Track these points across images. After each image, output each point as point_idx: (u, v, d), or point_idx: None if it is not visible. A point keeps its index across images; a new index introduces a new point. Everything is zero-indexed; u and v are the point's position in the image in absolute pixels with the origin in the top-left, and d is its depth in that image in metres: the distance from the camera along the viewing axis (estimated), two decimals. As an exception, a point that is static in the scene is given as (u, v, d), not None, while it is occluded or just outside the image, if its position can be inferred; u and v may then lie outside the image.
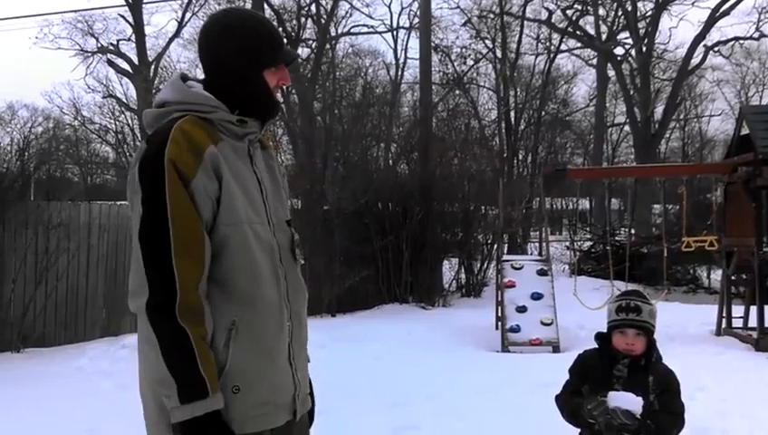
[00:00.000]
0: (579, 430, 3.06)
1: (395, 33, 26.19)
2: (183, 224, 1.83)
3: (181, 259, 1.81)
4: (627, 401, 2.85)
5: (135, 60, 24.64)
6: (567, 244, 16.90)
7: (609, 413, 2.83)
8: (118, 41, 25.44)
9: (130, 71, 25.16)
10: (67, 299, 9.61)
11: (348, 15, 25.49)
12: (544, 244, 11.66)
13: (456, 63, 22.94)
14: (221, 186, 1.90)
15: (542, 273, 10.28)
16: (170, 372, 1.77)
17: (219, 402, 1.80)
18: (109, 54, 25.50)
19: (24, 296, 9.03)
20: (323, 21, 24.09)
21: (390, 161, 16.35)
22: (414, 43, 26.48)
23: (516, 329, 9.58)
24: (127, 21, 24.43)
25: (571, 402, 3.02)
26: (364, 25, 26.53)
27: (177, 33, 24.66)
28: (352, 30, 26.19)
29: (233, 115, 1.99)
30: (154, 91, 25.37)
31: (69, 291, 9.61)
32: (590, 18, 25.52)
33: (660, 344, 3.10)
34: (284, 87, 2.17)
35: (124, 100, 27.78)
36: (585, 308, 9.62)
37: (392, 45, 27.32)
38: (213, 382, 1.79)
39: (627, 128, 28.39)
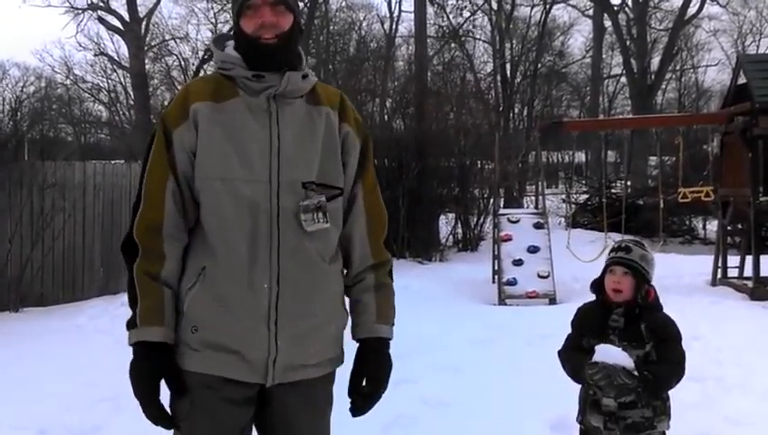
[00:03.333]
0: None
1: (389, -15, 25.82)
2: (151, 174, 2.01)
3: (143, 204, 2.01)
4: (614, 356, 2.81)
5: (126, 17, 24.27)
6: (563, 197, 16.89)
7: (610, 375, 2.80)
8: (108, -3, 25.00)
9: (122, 28, 24.78)
10: (64, 259, 9.62)
11: (341, -32, 25.13)
12: (540, 197, 11.67)
13: (451, 16, 22.67)
14: (197, 141, 2.00)
15: (538, 226, 10.31)
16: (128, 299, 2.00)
17: (146, 334, 1.93)
18: (99, 11, 25.09)
19: (21, 256, 9.02)
20: (316, -26, 23.72)
21: (386, 117, 16.25)
22: (408, -5, 26.18)
23: (513, 282, 9.63)
24: (117, -24, 24.02)
25: (572, 360, 2.99)
26: (358, -23, 26.15)
27: (167, -11, 24.28)
28: (346, -18, 25.81)
29: (249, 71, 2.01)
30: (146, 48, 25.05)
31: (66, 250, 9.61)
32: (587, -33, 25.19)
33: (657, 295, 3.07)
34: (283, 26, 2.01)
35: (116, 57, 27.47)
36: (580, 261, 9.68)
37: (386, -2, 26.92)
38: (144, 315, 1.94)
39: (623, 79, 28.18)
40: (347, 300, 2.18)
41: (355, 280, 2.18)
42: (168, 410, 2.01)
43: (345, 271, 2.19)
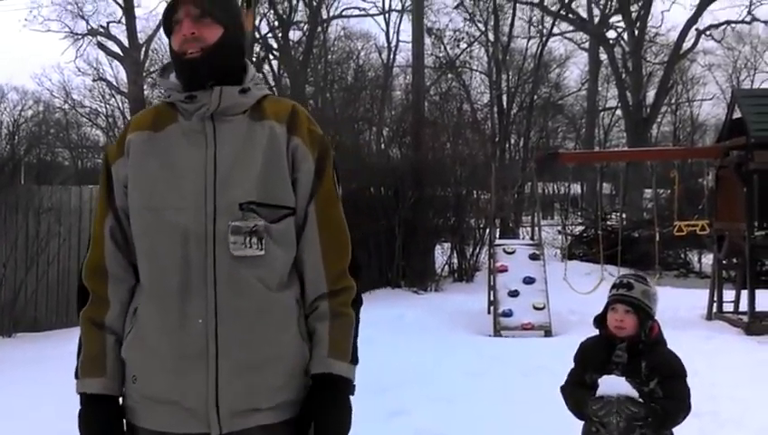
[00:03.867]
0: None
1: (387, 15, 26.16)
2: (96, 212, 1.96)
3: (89, 246, 1.95)
4: (618, 386, 2.79)
5: (125, 42, 24.45)
6: (558, 228, 16.94)
7: (617, 408, 2.76)
8: (108, 23, 25.29)
9: (121, 53, 24.97)
10: (59, 283, 9.61)
11: (339, -2, 25.39)
12: (536, 228, 11.69)
13: (448, 47, 22.88)
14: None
15: (534, 257, 10.30)
16: None
17: (86, 386, 1.85)
18: (99, 37, 25.31)
19: (15, 281, 9.02)
20: (315, 3, 23.99)
21: (382, 145, 16.33)
22: (406, 26, 26.42)
23: (508, 313, 9.60)
24: (117, 3, 24.27)
25: (574, 395, 2.96)
26: (356, 8, 26.44)
27: (167, 16, 24.46)
28: (344, 12, 26.07)
29: (182, 93, 1.87)
30: (144, 74, 25.17)
31: (60, 275, 9.61)
32: (583, 1, 25.44)
33: None
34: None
35: (114, 83, 27.62)
36: (577, 293, 9.67)
37: (384, 28, 27.19)
38: (84, 365, 1.86)
39: (618, 112, 28.38)
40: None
41: (309, 309, 1.91)
42: None
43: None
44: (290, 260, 1.88)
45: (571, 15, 25.30)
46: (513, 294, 9.79)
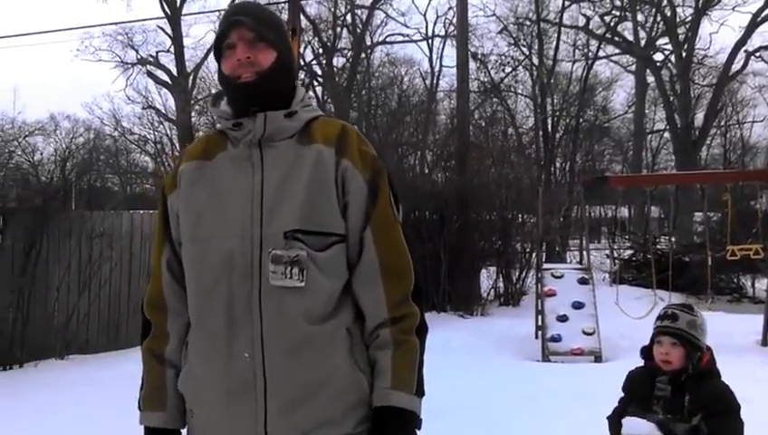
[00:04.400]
0: None
1: (430, 41, 26.29)
2: (154, 246, 1.96)
3: (150, 279, 1.96)
4: (641, 427, 2.66)
5: (174, 71, 25.00)
6: (606, 252, 16.71)
7: None
8: (157, 52, 25.87)
9: (169, 82, 25.53)
10: (110, 307, 9.78)
11: (383, 24, 25.66)
12: (585, 252, 11.54)
13: (492, 72, 22.90)
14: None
15: (582, 281, 10.17)
16: None
17: (147, 419, 1.88)
18: (148, 66, 25.91)
19: (67, 304, 9.17)
20: (359, 30, 24.26)
21: (426, 169, 16.33)
22: (449, 52, 26.57)
23: (557, 338, 9.47)
24: (166, 33, 24.82)
25: (613, 428, 2.86)
26: (399, 34, 26.61)
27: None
28: (388, 39, 26.28)
29: (230, 121, 1.85)
30: (192, 102, 25.68)
31: (111, 298, 9.78)
32: (629, 24, 25.25)
33: None
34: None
35: (163, 110, 28.22)
36: (627, 318, 9.50)
37: (428, 54, 27.33)
38: (145, 398, 1.89)
39: (666, 135, 28.01)
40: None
41: (370, 339, 1.82)
42: None
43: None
44: (338, 289, 1.79)
45: (616, 38, 25.14)
46: (562, 318, 9.66)
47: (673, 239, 15.71)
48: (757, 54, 25.31)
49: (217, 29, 1.92)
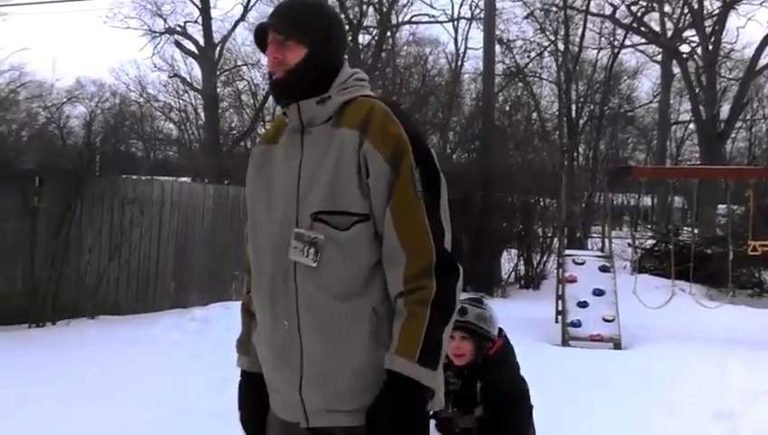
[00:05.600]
0: None
1: (456, 23, 26.12)
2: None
3: None
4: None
5: (201, 42, 25.05)
6: (628, 241, 16.75)
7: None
8: (185, 22, 25.81)
9: (196, 52, 25.58)
10: (139, 271, 9.96)
11: (409, 4, 25.51)
12: (606, 240, 11.62)
13: (517, 56, 22.82)
14: None
15: (604, 269, 10.29)
16: None
17: (238, 361, 2.15)
18: (176, 35, 25.95)
19: (98, 267, 9.36)
20: (385, 9, 24.16)
21: (449, 150, 16.40)
22: (474, 34, 26.45)
23: (577, 324, 9.60)
24: (194, 3, 24.82)
25: None
26: (425, 14, 26.47)
27: (242, 17, 24.94)
28: (414, 18, 26.18)
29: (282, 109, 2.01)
30: (218, 72, 25.77)
31: (141, 264, 9.95)
32: (655, 15, 25.03)
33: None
34: (274, 58, 1.95)
35: (188, 79, 28.27)
36: (647, 307, 9.61)
37: (453, 35, 27.23)
38: (238, 344, 2.16)
39: (691, 126, 27.83)
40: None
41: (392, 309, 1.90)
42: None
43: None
44: (361, 267, 1.87)
45: (642, 28, 24.94)
46: (583, 304, 9.78)
47: (696, 231, 15.75)
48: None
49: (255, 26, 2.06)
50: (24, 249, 8.71)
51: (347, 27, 24.55)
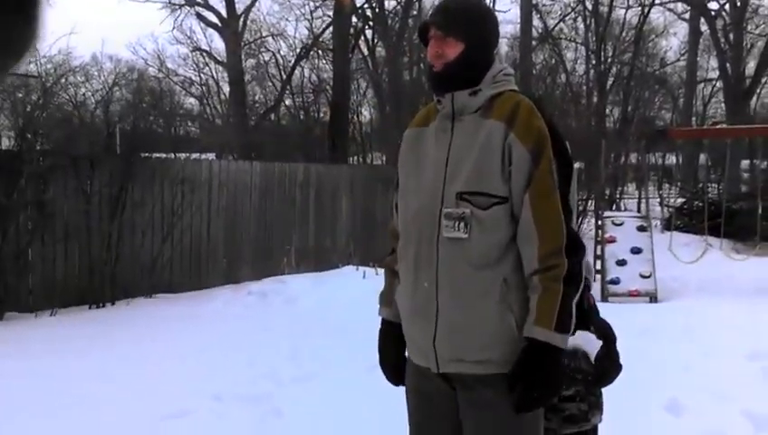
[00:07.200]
0: None
1: (483, -14, 25.96)
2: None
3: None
4: (591, 342, 2.71)
5: (224, 13, 24.88)
6: (659, 200, 16.91)
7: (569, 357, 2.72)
8: (206, -7, 25.70)
9: (219, 24, 25.44)
10: (192, 250, 10.28)
11: (436, -31, 25.38)
12: (644, 201, 11.88)
13: (552, 20, 22.69)
14: None
15: (641, 229, 10.67)
16: None
17: (380, 312, 2.49)
18: (197, 7, 25.82)
19: (152, 247, 9.65)
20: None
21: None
22: (502, -1, 26.06)
23: (616, 281, 10.06)
24: (215, -26, 24.68)
25: None
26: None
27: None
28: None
29: (435, 97, 2.27)
30: (242, 44, 25.68)
31: (193, 242, 10.27)
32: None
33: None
34: (435, 53, 2.20)
35: (209, 52, 28.10)
36: (678, 262, 10.14)
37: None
38: (381, 298, 2.49)
39: (718, 84, 27.57)
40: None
41: (528, 284, 2.15)
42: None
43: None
44: (496, 243, 2.14)
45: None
46: (621, 263, 10.20)
47: (723, 187, 15.88)
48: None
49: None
50: (81, 233, 8.99)
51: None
